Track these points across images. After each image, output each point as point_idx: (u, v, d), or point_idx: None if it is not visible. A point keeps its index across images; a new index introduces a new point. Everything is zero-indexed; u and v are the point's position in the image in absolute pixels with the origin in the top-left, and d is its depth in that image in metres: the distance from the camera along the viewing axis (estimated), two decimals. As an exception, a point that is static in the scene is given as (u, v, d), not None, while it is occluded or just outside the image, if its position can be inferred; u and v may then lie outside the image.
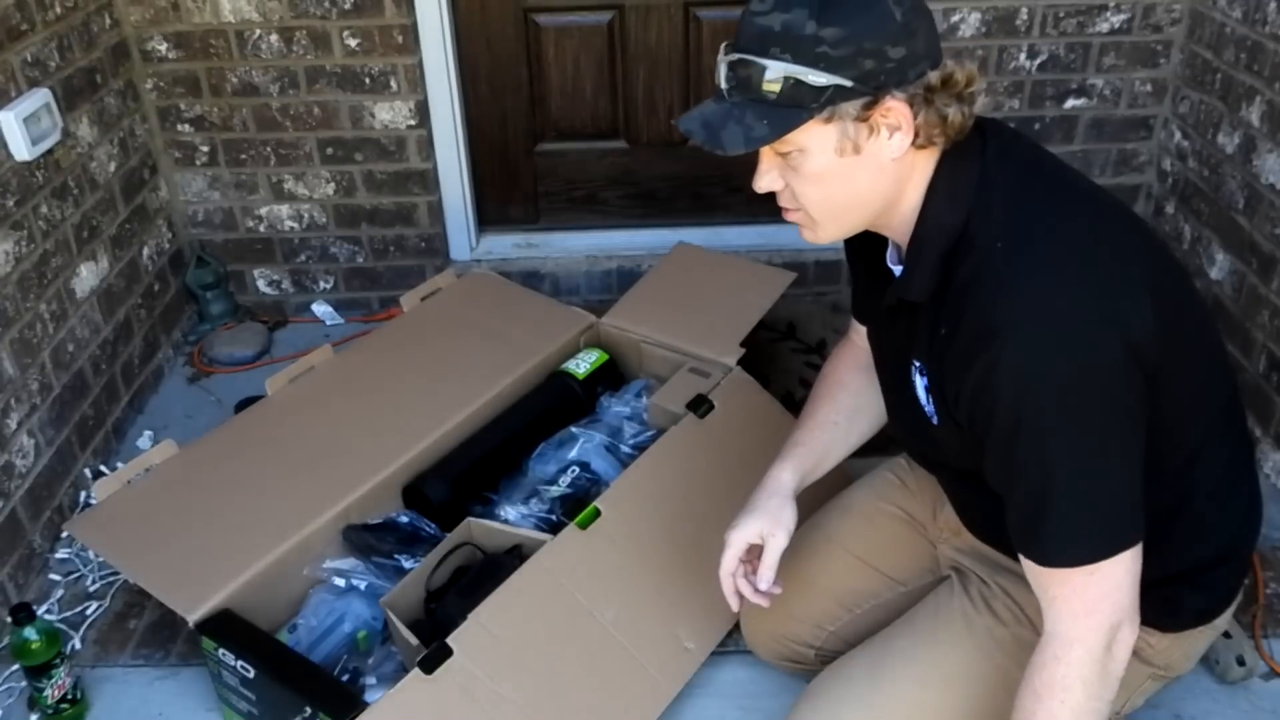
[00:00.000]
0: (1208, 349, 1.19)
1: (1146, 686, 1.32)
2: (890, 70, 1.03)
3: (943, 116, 1.07)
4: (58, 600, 1.93)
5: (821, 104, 1.04)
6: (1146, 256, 1.11)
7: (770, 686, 1.69)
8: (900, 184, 1.12)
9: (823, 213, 1.15)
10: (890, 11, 1.03)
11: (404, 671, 1.57)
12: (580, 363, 2.10)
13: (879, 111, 1.05)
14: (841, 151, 1.08)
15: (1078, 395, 1.02)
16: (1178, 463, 1.17)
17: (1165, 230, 2.53)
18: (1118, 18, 2.43)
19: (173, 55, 2.48)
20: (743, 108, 1.07)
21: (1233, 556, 1.26)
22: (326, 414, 1.94)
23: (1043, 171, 1.15)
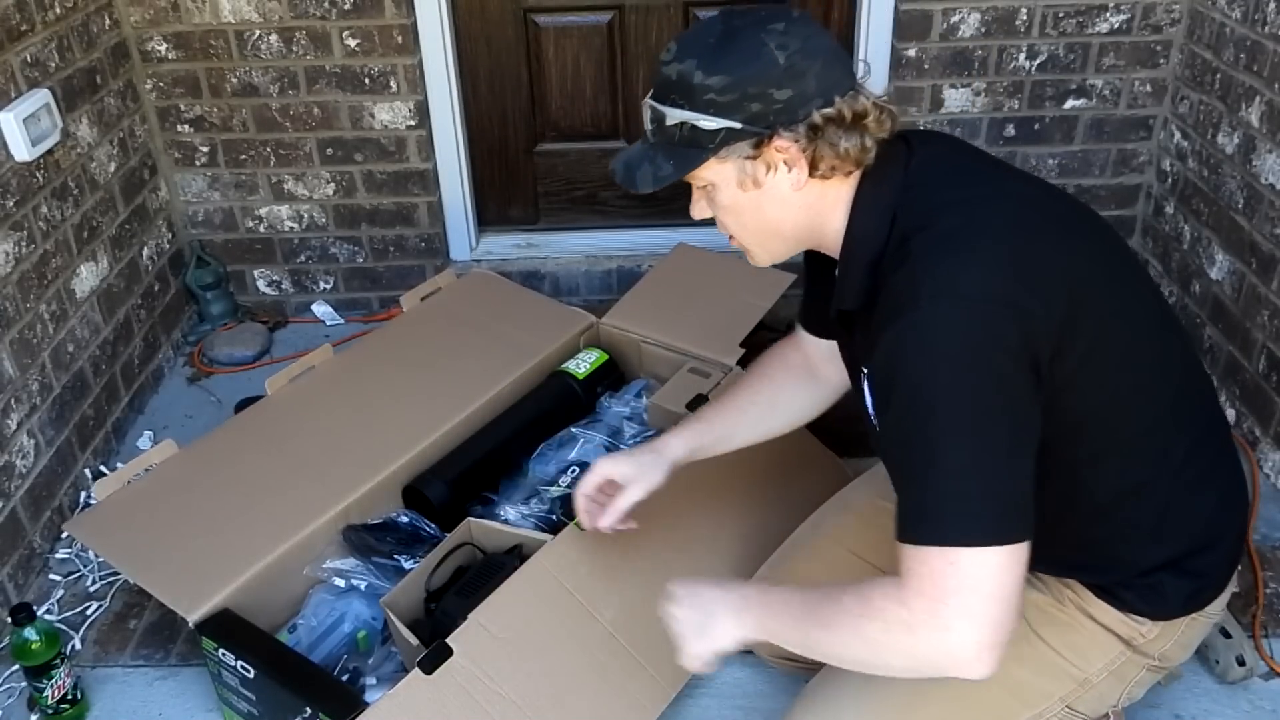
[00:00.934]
0: (1149, 348, 1.19)
1: (1144, 678, 1.32)
2: (778, 111, 1.12)
3: (835, 148, 1.14)
4: (58, 600, 1.93)
5: (716, 145, 1.15)
6: (1072, 254, 1.13)
7: (769, 687, 1.69)
8: (816, 210, 1.20)
9: (747, 240, 1.26)
10: (774, 58, 1.11)
11: (404, 672, 1.57)
12: (580, 363, 2.10)
13: (770, 149, 1.15)
14: (743, 186, 1.18)
15: (968, 371, 1.03)
16: (1127, 455, 1.18)
17: (1165, 230, 2.53)
18: (1117, 18, 2.43)
19: (172, 56, 2.48)
20: (656, 149, 1.20)
21: (1216, 543, 1.26)
22: (326, 414, 1.94)
23: (970, 173, 1.20)
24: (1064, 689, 1.29)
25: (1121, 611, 1.26)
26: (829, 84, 1.13)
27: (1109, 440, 1.17)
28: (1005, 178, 1.22)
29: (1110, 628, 1.27)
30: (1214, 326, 2.29)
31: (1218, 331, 2.28)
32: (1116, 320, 1.14)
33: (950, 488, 1.04)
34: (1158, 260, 2.58)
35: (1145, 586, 1.24)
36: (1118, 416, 1.16)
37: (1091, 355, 1.10)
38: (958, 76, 2.51)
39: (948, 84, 2.52)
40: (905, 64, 2.50)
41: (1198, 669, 1.70)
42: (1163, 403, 1.19)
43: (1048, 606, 1.29)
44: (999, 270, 1.06)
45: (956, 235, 1.09)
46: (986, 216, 1.12)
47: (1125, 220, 2.69)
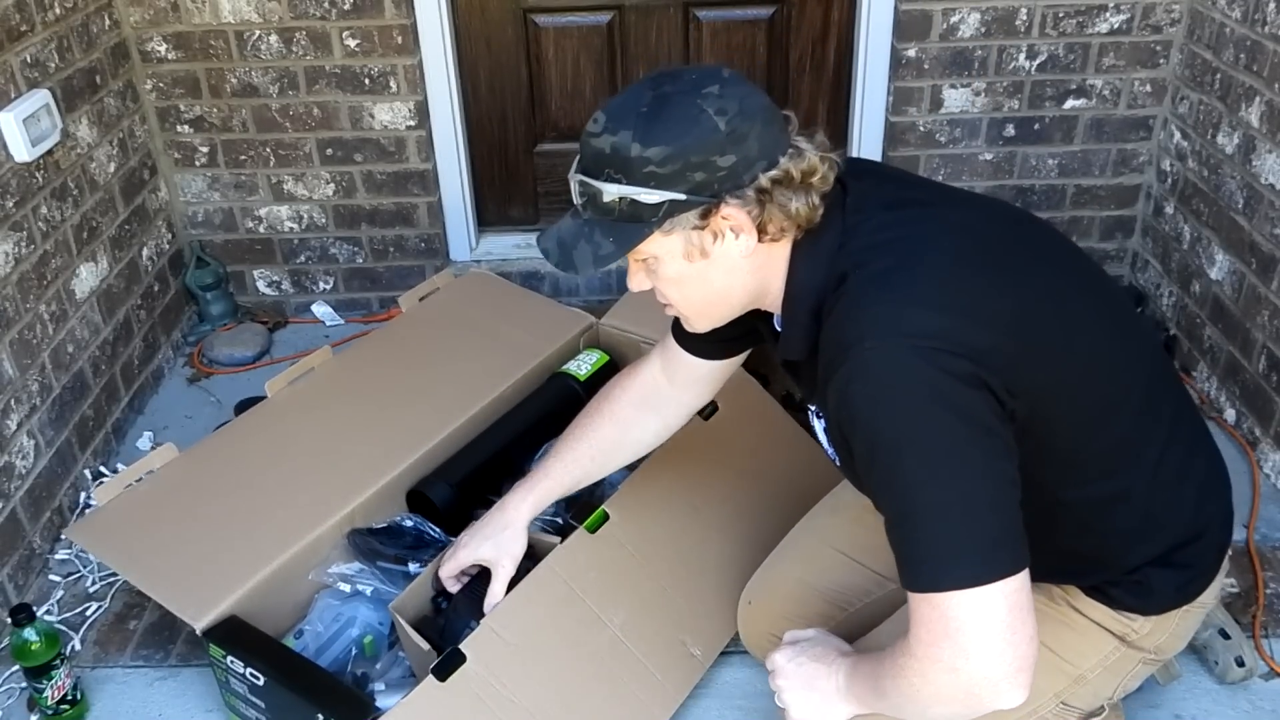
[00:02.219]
0: (1110, 358, 1.17)
1: (1139, 670, 1.31)
2: (722, 178, 1.08)
3: (786, 211, 1.10)
4: (57, 601, 1.93)
5: (660, 218, 1.09)
6: (1016, 283, 1.10)
7: (769, 687, 1.69)
8: (764, 274, 1.16)
9: (689, 310, 1.22)
10: (713, 124, 1.06)
11: (412, 676, 1.57)
12: (581, 364, 2.10)
13: (717, 218, 1.10)
14: (689, 257, 1.13)
15: (925, 410, 1.01)
16: (1101, 468, 1.17)
17: (1165, 230, 2.54)
18: (1117, 18, 2.43)
19: (172, 56, 2.47)
20: (592, 225, 1.13)
21: (1203, 532, 1.25)
22: (327, 417, 1.94)
23: (906, 208, 1.16)
24: (1058, 685, 1.29)
25: (1112, 608, 1.25)
26: (771, 144, 1.09)
27: (1080, 458, 1.16)
28: (938, 207, 1.18)
29: (1102, 624, 1.26)
30: (1214, 326, 2.29)
31: (1218, 331, 2.28)
32: (1072, 337, 1.12)
33: (931, 532, 1.02)
34: (1158, 260, 2.58)
35: (1133, 583, 1.23)
36: (1085, 433, 1.15)
37: (1049, 379, 1.09)
38: (958, 77, 2.51)
39: (948, 84, 2.52)
40: (905, 64, 2.50)
41: (1198, 669, 1.70)
42: (1131, 409, 1.18)
43: (1039, 605, 1.26)
44: (940, 308, 1.04)
45: (892, 276, 1.06)
46: (922, 254, 1.08)
47: (1125, 220, 2.69)
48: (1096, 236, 2.71)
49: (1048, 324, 1.10)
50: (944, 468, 1.02)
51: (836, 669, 1.24)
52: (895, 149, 2.60)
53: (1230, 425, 2.24)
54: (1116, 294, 1.27)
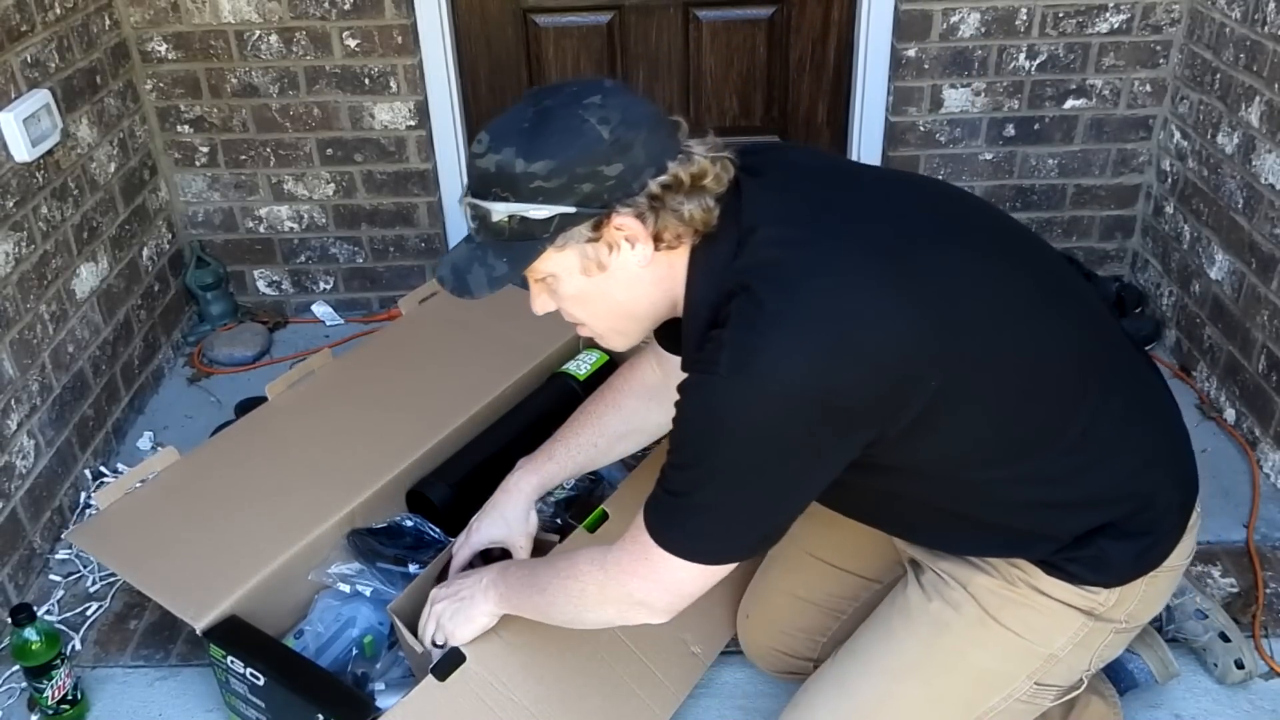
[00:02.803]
0: (1030, 343, 1.15)
1: (1113, 641, 1.31)
2: (611, 187, 1.07)
3: (680, 216, 1.10)
4: (58, 601, 1.93)
5: (551, 233, 1.10)
6: (911, 276, 1.08)
7: (770, 687, 1.69)
8: (666, 283, 1.16)
9: (599, 327, 1.22)
10: (597, 133, 1.06)
11: (411, 676, 1.57)
12: (581, 364, 2.10)
13: (610, 228, 1.10)
14: (587, 271, 1.13)
15: (742, 449, 1.07)
16: (1017, 454, 1.16)
17: (1165, 230, 2.54)
18: (1117, 18, 2.43)
19: (172, 56, 2.48)
20: (484, 248, 1.13)
21: (1151, 497, 1.22)
22: (327, 419, 1.94)
23: (804, 211, 1.14)
24: (1030, 667, 1.29)
25: (1073, 584, 1.24)
26: (658, 150, 1.09)
27: (981, 450, 1.15)
28: (835, 210, 1.15)
29: (1067, 602, 1.26)
30: (1214, 326, 2.30)
31: (1218, 331, 2.28)
32: (982, 331, 1.10)
33: (694, 522, 1.14)
34: (1158, 260, 2.58)
35: (1089, 557, 1.22)
36: (983, 430, 1.14)
37: (942, 393, 1.08)
38: (958, 76, 2.51)
39: (947, 84, 2.52)
40: (905, 64, 2.50)
41: (1197, 669, 1.70)
42: (1048, 394, 1.15)
43: (1000, 590, 1.28)
44: (803, 354, 1.03)
45: (769, 305, 1.05)
46: (805, 277, 1.06)
47: (1125, 220, 2.69)
48: (1096, 236, 2.71)
49: (953, 322, 1.08)
50: (729, 491, 1.11)
51: (483, 573, 1.41)
52: (895, 149, 2.60)
53: (1230, 425, 2.24)
54: (1051, 270, 1.24)
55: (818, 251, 1.09)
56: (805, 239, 1.10)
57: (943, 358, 1.07)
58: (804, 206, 1.14)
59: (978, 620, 1.28)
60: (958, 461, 1.16)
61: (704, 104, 2.67)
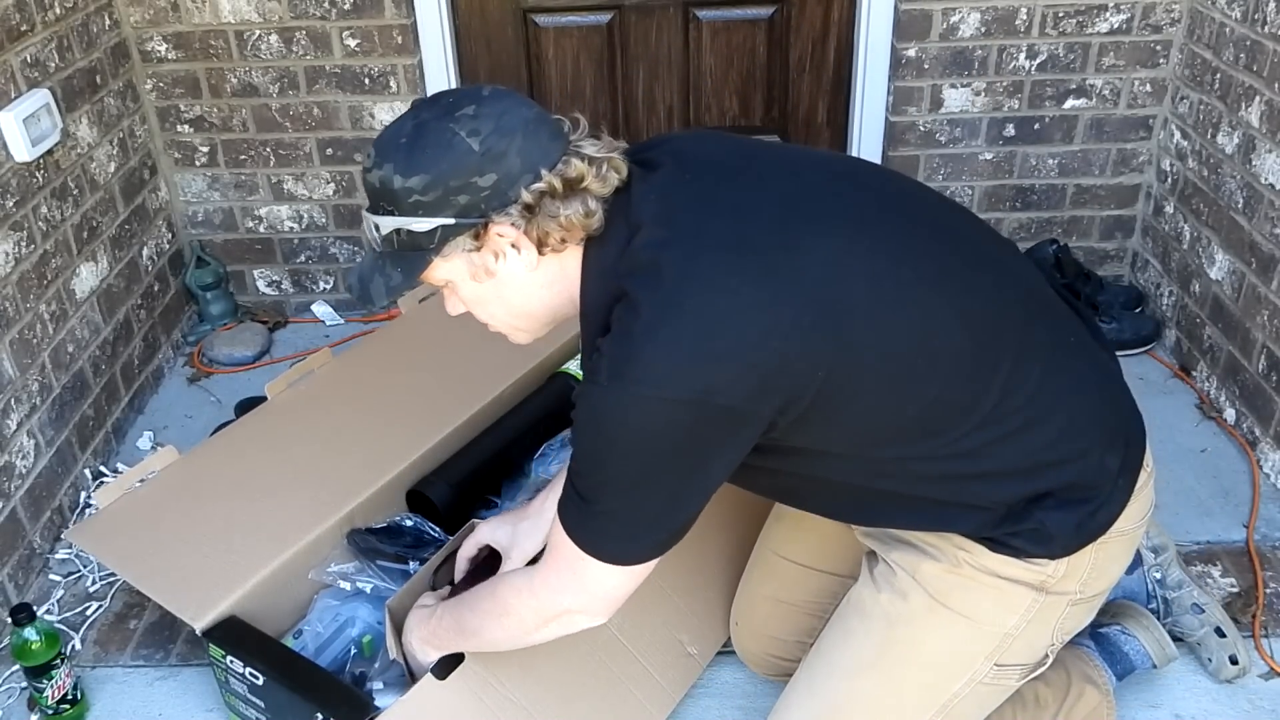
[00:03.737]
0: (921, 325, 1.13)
1: (1072, 613, 1.29)
2: (486, 197, 1.10)
3: (557, 220, 1.11)
4: (58, 601, 1.93)
5: (436, 245, 1.13)
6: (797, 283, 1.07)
7: (769, 687, 1.69)
8: (560, 283, 1.18)
9: (501, 326, 1.26)
10: (467, 146, 1.09)
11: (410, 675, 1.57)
12: (581, 364, 2.10)
13: (490, 237, 1.13)
14: (476, 277, 1.17)
15: (631, 455, 1.10)
16: (923, 432, 1.16)
17: (1165, 230, 2.54)
18: (1117, 18, 2.43)
19: (172, 56, 2.48)
20: (384, 258, 1.18)
21: (1080, 463, 1.20)
22: (327, 418, 1.94)
23: (689, 204, 1.14)
24: (986, 648, 1.28)
25: (1018, 558, 1.23)
26: (534, 157, 1.10)
27: (883, 429, 1.15)
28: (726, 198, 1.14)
29: (1014, 578, 1.25)
30: (1214, 326, 2.29)
31: (1218, 331, 2.28)
32: (862, 328, 1.09)
33: (603, 524, 1.16)
34: (1158, 260, 2.58)
35: (1029, 530, 1.21)
36: (881, 412, 1.14)
37: (830, 382, 1.08)
38: (958, 76, 2.51)
39: (948, 84, 2.52)
40: (905, 64, 2.50)
41: (1197, 669, 1.70)
42: (943, 373, 1.14)
43: (945, 574, 1.27)
44: (679, 357, 1.04)
45: (644, 311, 1.06)
46: (681, 279, 1.06)
47: (1125, 220, 2.69)
48: (1096, 236, 2.71)
49: (833, 312, 1.08)
50: (627, 496, 1.13)
51: (416, 626, 1.47)
52: (895, 149, 2.60)
53: (1230, 425, 2.24)
54: (961, 242, 1.22)
55: (691, 252, 1.09)
56: (682, 239, 1.10)
57: (822, 349, 1.08)
58: (687, 203, 1.14)
59: (926, 608, 1.28)
60: (862, 442, 1.17)
61: (704, 104, 2.67)
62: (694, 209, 1.13)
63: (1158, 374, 2.44)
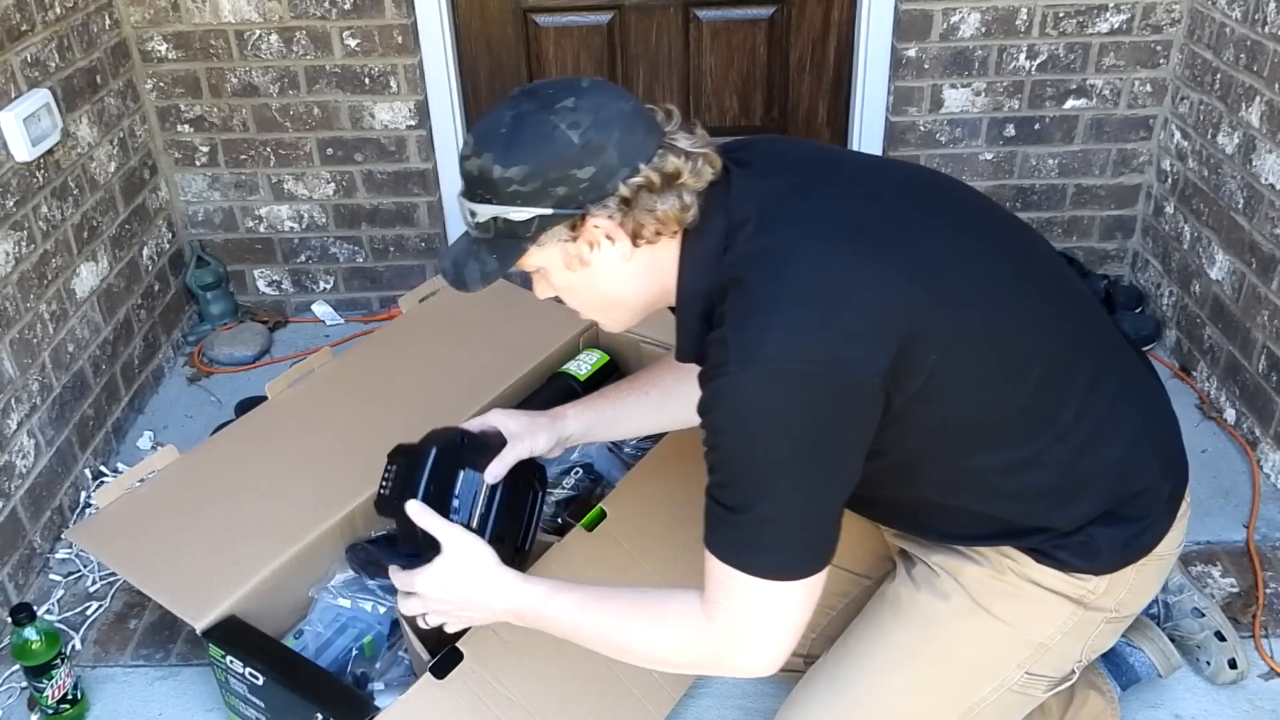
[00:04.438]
0: (1011, 326, 1.16)
1: (1104, 630, 1.31)
2: (584, 189, 1.11)
3: (654, 214, 1.12)
4: (58, 600, 1.93)
5: (533, 234, 1.14)
6: (901, 270, 1.10)
7: (768, 687, 1.69)
8: (653, 273, 1.19)
9: (593, 314, 1.27)
10: (568, 138, 1.09)
11: (412, 676, 1.57)
12: (582, 364, 2.10)
13: (586, 228, 1.14)
14: (570, 266, 1.18)
15: (773, 437, 1.07)
16: (1006, 438, 1.17)
17: (1165, 230, 2.54)
18: (1117, 18, 2.43)
19: (173, 55, 2.48)
20: (478, 244, 1.20)
21: (1138, 485, 1.23)
22: (327, 418, 1.94)
23: (788, 199, 1.16)
24: (1019, 656, 1.29)
25: (1063, 572, 1.25)
26: (631, 151, 1.11)
27: (981, 432, 1.17)
28: (825, 193, 1.17)
29: (1056, 590, 1.26)
30: (1214, 326, 2.29)
31: (1218, 331, 2.28)
32: (968, 315, 1.12)
33: (763, 535, 1.11)
34: (1158, 260, 2.58)
35: (1078, 544, 1.23)
36: (982, 410, 1.15)
37: (941, 368, 1.09)
38: (958, 76, 2.51)
39: (948, 84, 2.52)
40: (905, 64, 2.50)
41: (1198, 669, 1.70)
42: (1035, 376, 1.16)
43: (989, 579, 1.28)
44: (807, 329, 1.05)
45: (763, 292, 1.07)
46: (797, 262, 1.08)
47: (1125, 220, 2.69)
48: (1096, 236, 2.71)
49: (939, 304, 1.09)
50: (784, 488, 1.09)
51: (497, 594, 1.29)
52: (895, 149, 2.60)
53: (1230, 425, 2.24)
54: (1036, 253, 1.26)
55: (805, 235, 1.11)
56: (791, 227, 1.12)
57: (937, 330, 1.09)
58: (790, 194, 1.16)
59: (968, 610, 1.29)
60: (952, 445, 1.17)
61: (704, 104, 2.67)
62: (798, 202, 1.15)
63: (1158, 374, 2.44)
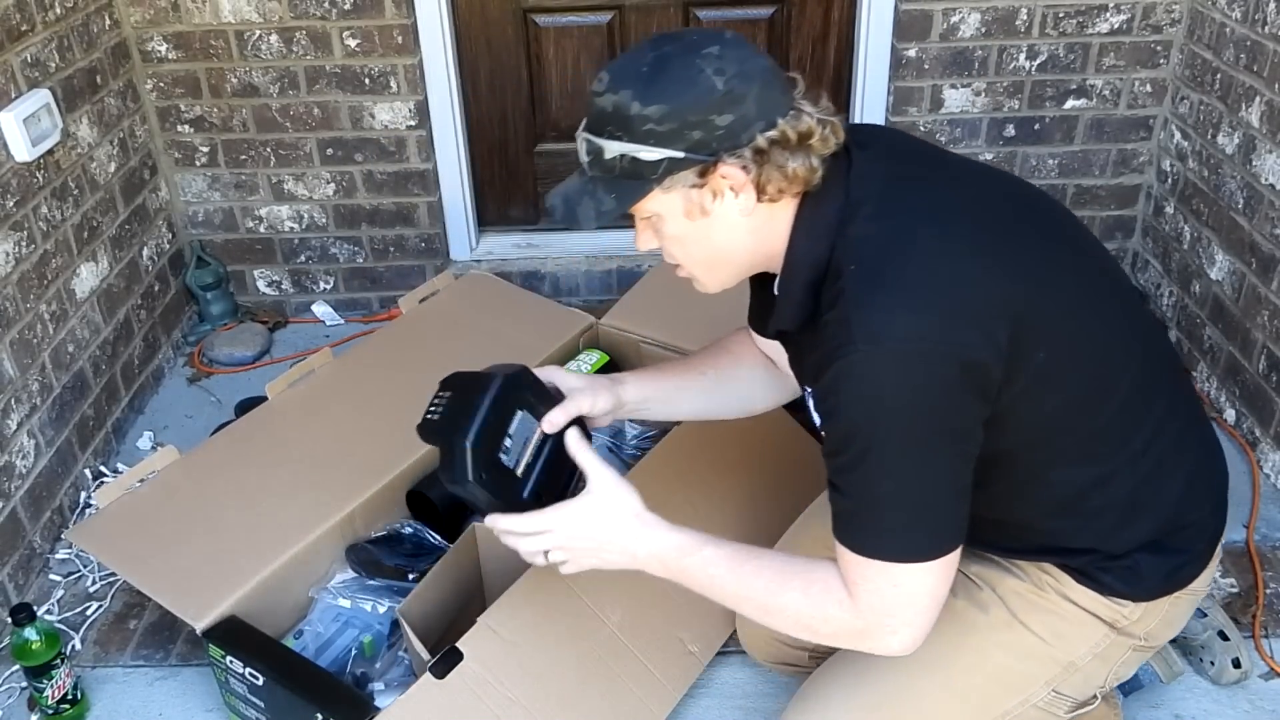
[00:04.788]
0: (1105, 340, 1.18)
1: (1130, 658, 1.32)
2: (720, 137, 1.09)
3: (784, 171, 1.12)
4: (58, 601, 1.93)
5: (659, 175, 1.12)
6: (1015, 265, 1.11)
7: (769, 687, 1.69)
8: (764, 233, 1.17)
9: (696, 268, 1.24)
10: (712, 83, 1.08)
11: (412, 676, 1.57)
12: (582, 364, 2.10)
13: (715, 176, 1.12)
14: (689, 215, 1.15)
15: (904, 417, 1.06)
16: (1085, 453, 1.18)
17: (1165, 230, 2.53)
18: (1117, 18, 2.43)
19: (173, 56, 2.48)
20: (595, 182, 1.16)
21: (1190, 520, 1.25)
22: (327, 419, 1.94)
23: (907, 184, 1.17)
24: (1049, 673, 1.29)
25: (1102, 594, 1.26)
26: (769, 106, 1.11)
27: (1066, 442, 1.17)
28: (939, 185, 1.19)
29: (1092, 611, 1.27)
30: (1214, 326, 2.29)
31: (1218, 331, 2.28)
32: (1069, 322, 1.13)
33: (892, 516, 1.11)
34: (1158, 260, 2.58)
35: (1123, 568, 1.24)
36: (1072, 419, 1.16)
37: (1044, 367, 1.10)
38: (958, 76, 2.51)
39: (948, 84, 2.52)
40: (905, 64, 2.50)
41: (1198, 669, 1.70)
42: (1120, 395, 1.18)
43: (1028, 593, 1.29)
44: (931, 309, 1.05)
45: (886, 272, 1.07)
46: (915, 246, 1.09)
47: (1125, 220, 2.69)
48: (1097, 236, 2.71)
49: (1045, 306, 1.11)
50: (912, 467, 1.09)
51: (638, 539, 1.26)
52: (895, 149, 2.60)
53: (1230, 425, 2.24)
54: (1121, 279, 1.28)
55: (924, 221, 1.12)
56: (912, 211, 1.13)
57: (1045, 326, 1.10)
58: (910, 182, 1.17)
59: (1004, 623, 1.29)
60: (1043, 450, 1.17)
61: (704, 104, 2.67)
62: (918, 190, 1.16)
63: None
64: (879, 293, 1.07)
